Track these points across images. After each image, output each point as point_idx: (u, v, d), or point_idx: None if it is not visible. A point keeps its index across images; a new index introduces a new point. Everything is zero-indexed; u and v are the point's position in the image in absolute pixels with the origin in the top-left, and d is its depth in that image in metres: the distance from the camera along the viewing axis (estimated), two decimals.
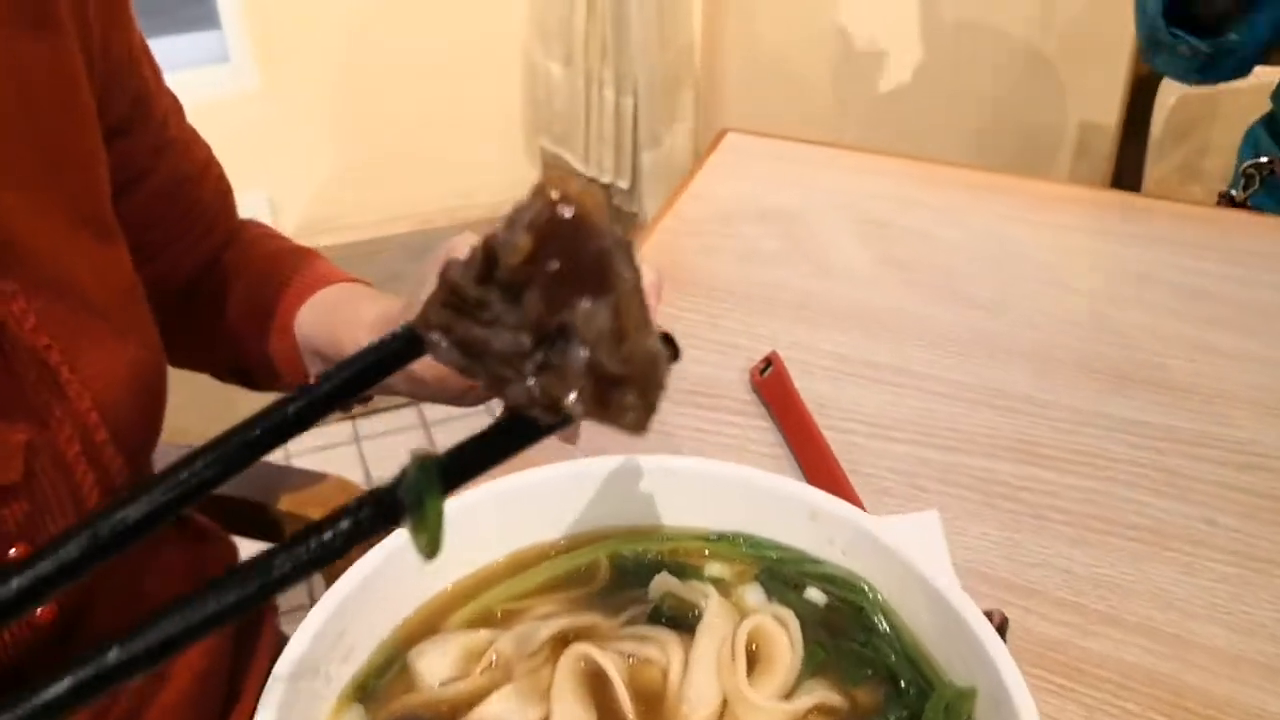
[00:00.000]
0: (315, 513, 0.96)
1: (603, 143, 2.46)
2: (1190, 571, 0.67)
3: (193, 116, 0.82)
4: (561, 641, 0.40)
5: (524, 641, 0.40)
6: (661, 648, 0.40)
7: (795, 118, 2.25)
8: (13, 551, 0.59)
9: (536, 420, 0.25)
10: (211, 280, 0.85)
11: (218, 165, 0.84)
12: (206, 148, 0.82)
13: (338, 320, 0.82)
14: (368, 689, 0.39)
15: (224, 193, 0.85)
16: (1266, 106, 1.32)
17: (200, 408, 0.94)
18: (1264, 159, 1.32)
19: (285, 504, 1.00)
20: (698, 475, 0.46)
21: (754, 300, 0.94)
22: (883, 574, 0.42)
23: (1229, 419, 0.80)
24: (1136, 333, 0.91)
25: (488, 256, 0.24)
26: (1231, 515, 0.71)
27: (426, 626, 0.42)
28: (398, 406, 2.15)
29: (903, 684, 0.39)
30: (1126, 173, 1.60)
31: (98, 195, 0.69)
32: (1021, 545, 0.68)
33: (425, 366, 0.66)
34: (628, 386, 0.24)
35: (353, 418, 2.13)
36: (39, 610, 0.62)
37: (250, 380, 0.88)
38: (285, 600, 1.05)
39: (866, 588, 0.42)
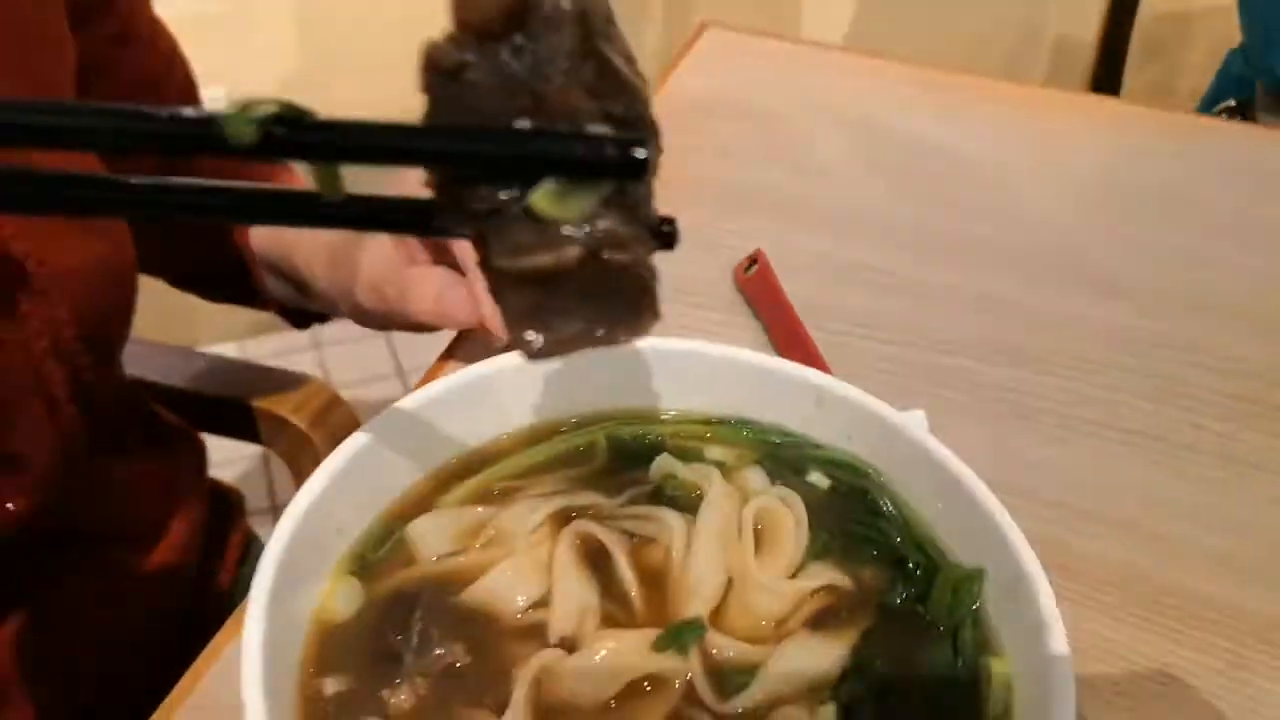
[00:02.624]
0: (288, 409, 0.95)
1: None
2: (1175, 473, 0.67)
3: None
4: (561, 519, 0.39)
5: (523, 518, 0.39)
6: (664, 527, 0.39)
7: (768, 20, 2.20)
8: None
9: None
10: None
11: (184, 62, 0.83)
12: (172, 41, 0.81)
13: (289, 237, 0.81)
14: (364, 562, 0.38)
15: (189, 90, 0.84)
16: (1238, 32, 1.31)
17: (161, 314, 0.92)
18: (1232, 102, 1.33)
19: (261, 401, 0.99)
20: (696, 358, 0.44)
21: (735, 199, 0.92)
22: (889, 457, 0.41)
23: (1217, 327, 0.80)
24: (1126, 240, 0.90)
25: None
26: (1217, 420, 0.71)
27: (421, 504, 0.40)
28: None
29: (910, 565, 0.38)
30: (1104, 88, 1.60)
31: (64, 83, 0.67)
32: (1007, 445, 0.67)
33: (369, 296, 0.65)
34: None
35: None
36: (9, 504, 0.61)
37: (205, 288, 0.90)
38: (252, 502, 1.04)
39: (871, 471, 0.41)
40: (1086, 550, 0.61)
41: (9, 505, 0.61)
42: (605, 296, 0.27)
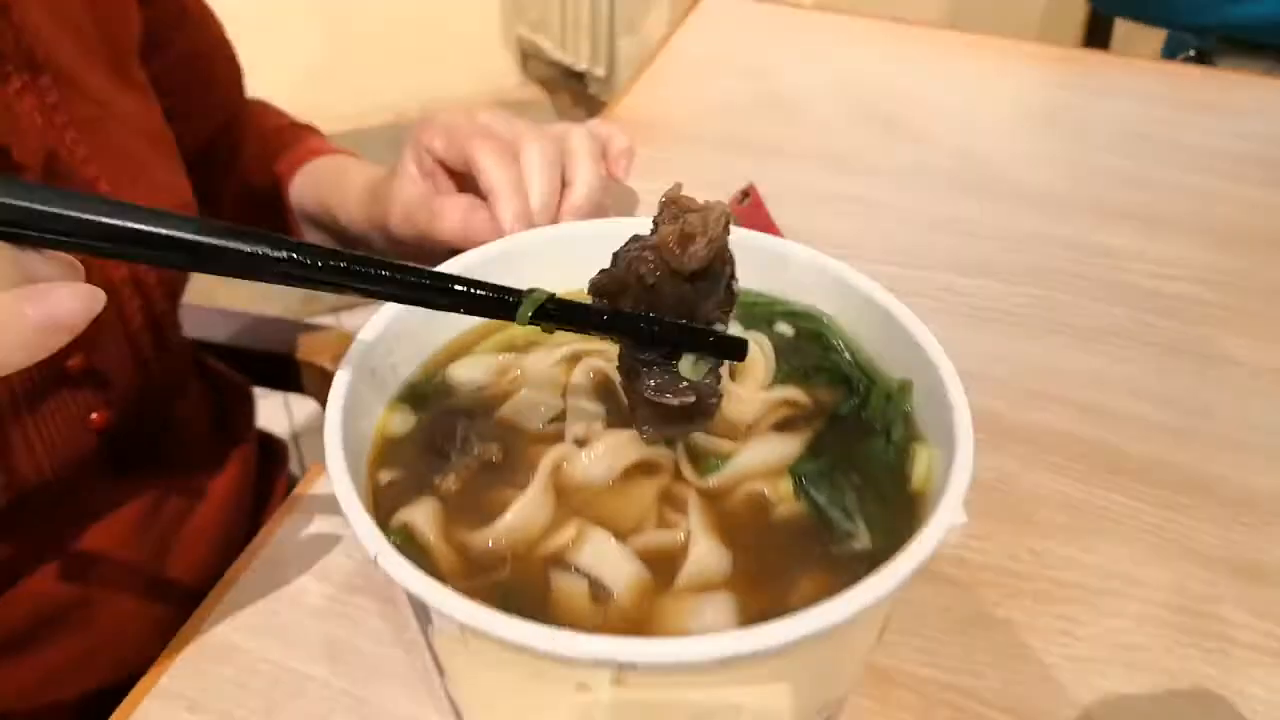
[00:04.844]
0: (328, 360, 1.04)
1: (579, 30, 2.49)
2: (1123, 360, 0.76)
3: None
4: (574, 359, 0.48)
5: (543, 359, 0.48)
6: None
7: None
8: (71, 361, 0.67)
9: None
10: (219, 151, 0.93)
11: (230, 46, 0.91)
12: (220, 27, 0.90)
13: (327, 187, 0.89)
14: (414, 395, 0.47)
15: (235, 71, 0.93)
16: None
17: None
18: (1192, 51, 1.41)
19: (302, 353, 1.08)
20: None
21: (731, 145, 1.01)
22: (840, 304, 0.50)
23: (1161, 238, 0.89)
24: (1083, 168, 0.99)
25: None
26: (1160, 316, 0.80)
27: (459, 353, 0.49)
28: None
29: (854, 383, 0.47)
30: (1096, 33, 1.68)
31: (129, 49, 0.76)
32: (971, 341, 0.76)
33: (402, 224, 0.72)
34: None
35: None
36: (94, 414, 0.69)
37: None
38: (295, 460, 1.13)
39: (825, 317, 0.50)
40: (1037, 420, 0.70)
41: (93, 416, 0.69)
42: (694, 416, 0.42)
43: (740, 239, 0.52)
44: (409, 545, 0.40)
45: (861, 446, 0.44)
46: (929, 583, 0.58)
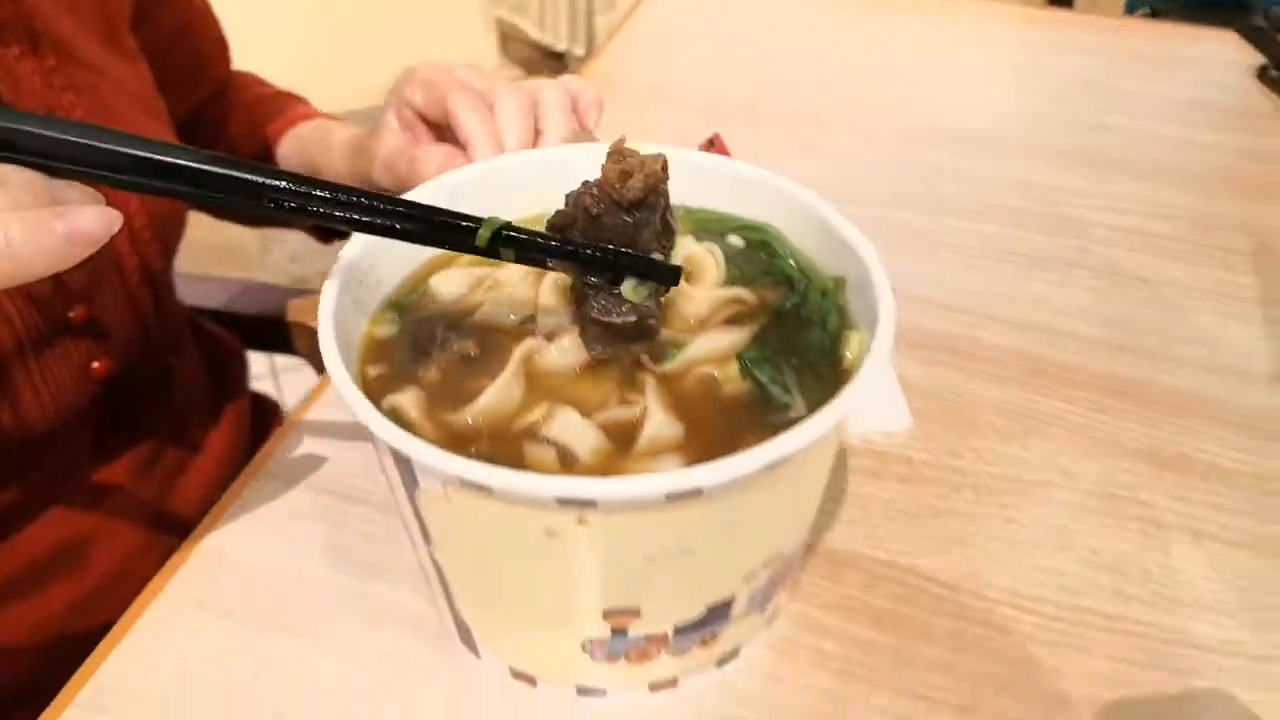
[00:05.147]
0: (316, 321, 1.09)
1: (558, 10, 2.53)
2: (1064, 285, 0.81)
3: None
4: (544, 271, 0.53)
5: (516, 271, 0.53)
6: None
7: None
8: (73, 313, 0.71)
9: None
10: (207, 120, 0.97)
11: (215, 19, 0.96)
12: (205, 2, 0.94)
13: (312, 147, 0.94)
14: (398, 304, 0.52)
15: (221, 43, 0.98)
16: None
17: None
18: (1149, 10, 1.47)
19: (292, 315, 1.13)
20: None
21: (698, 104, 1.06)
22: (787, 218, 0.55)
23: (1112, 180, 0.94)
24: (1045, 118, 1.05)
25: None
26: (1102, 244, 0.85)
27: (440, 265, 0.54)
28: None
29: (795, 283, 0.52)
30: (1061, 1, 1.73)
31: (123, 19, 0.80)
32: (917, 269, 0.81)
33: (384, 174, 0.77)
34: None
35: None
36: (95, 364, 0.74)
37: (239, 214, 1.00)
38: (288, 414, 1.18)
39: (772, 227, 0.55)
40: (981, 337, 0.75)
41: (94, 365, 0.74)
42: (637, 337, 0.48)
43: (699, 161, 0.57)
44: (396, 424, 0.45)
45: (801, 336, 0.49)
46: (877, 479, 0.64)
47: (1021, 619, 0.55)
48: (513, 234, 0.46)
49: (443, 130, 0.76)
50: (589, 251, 0.46)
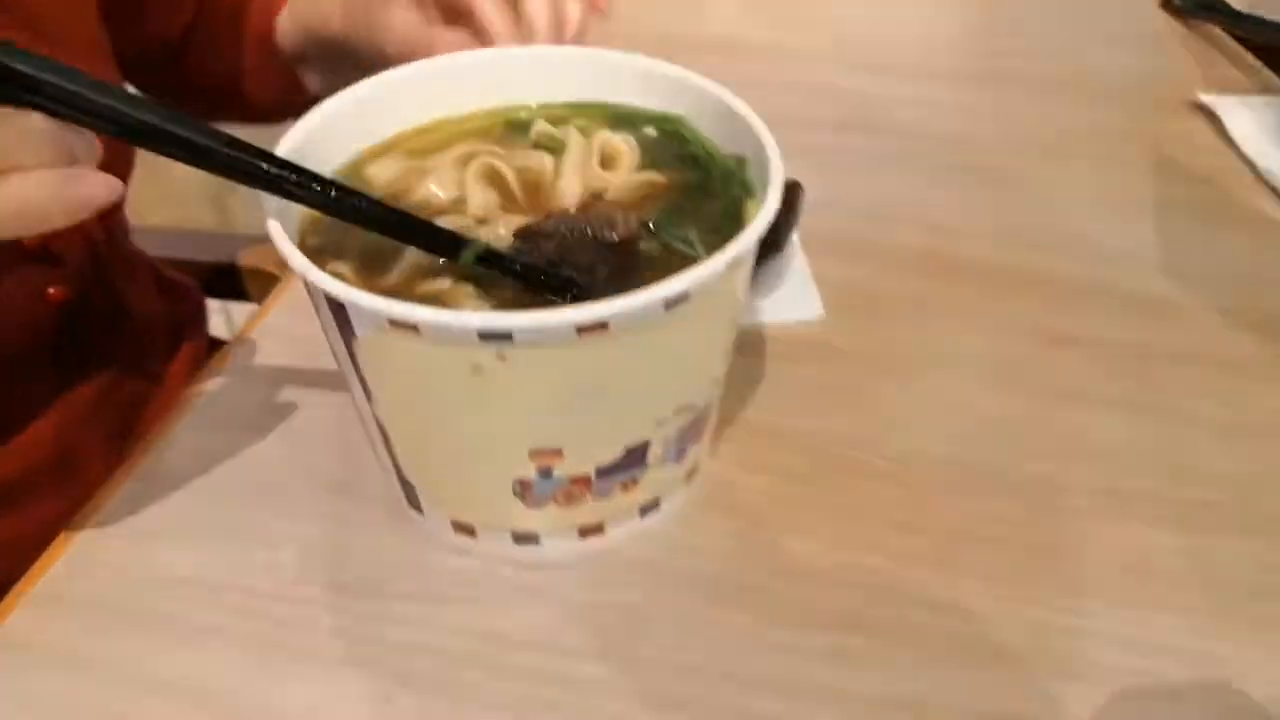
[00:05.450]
0: (273, 264, 1.12)
1: None
2: (970, 188, 0.87)
3: None
4: (470, 158, 0.58)
5: (445, 159, 0.57)
6: (540, 161, 0.58)
7: None
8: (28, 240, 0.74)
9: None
10: (198, 35, 0.98)
11: None
12: None
13: (301, 10, 0.94)
14: None
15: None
16: None
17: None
18: None
19: (245, 260, 1.16)
20: (561, 58, 0.63)
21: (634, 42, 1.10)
22: (697, 109, 0.59)
23: (1036, 98, 1.01)
24: (1001, 37, 1.11)
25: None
26: (1013, 157, 0.91)
27: (374, 155, 0.59)
28: None
29: (702, 164, 0.57)
30: None
31: None
32: (841, 182, 0.86)
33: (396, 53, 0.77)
34: None
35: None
36: (50, 290, 0.77)
37: (250, 112, 1.00)
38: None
39: (682, 116, 0.60)
40: (890, 237, 0.80)
41: (50, 290, 0.76)
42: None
43: (618, 61, 0.61)
44: None
45: (705, 205, 0.54)
46: (795, 362, 0.69)
47: (920, 471, 0.61)
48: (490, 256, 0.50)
49: (460, 13, 0.74)
50: (544, 277, 0.50)
